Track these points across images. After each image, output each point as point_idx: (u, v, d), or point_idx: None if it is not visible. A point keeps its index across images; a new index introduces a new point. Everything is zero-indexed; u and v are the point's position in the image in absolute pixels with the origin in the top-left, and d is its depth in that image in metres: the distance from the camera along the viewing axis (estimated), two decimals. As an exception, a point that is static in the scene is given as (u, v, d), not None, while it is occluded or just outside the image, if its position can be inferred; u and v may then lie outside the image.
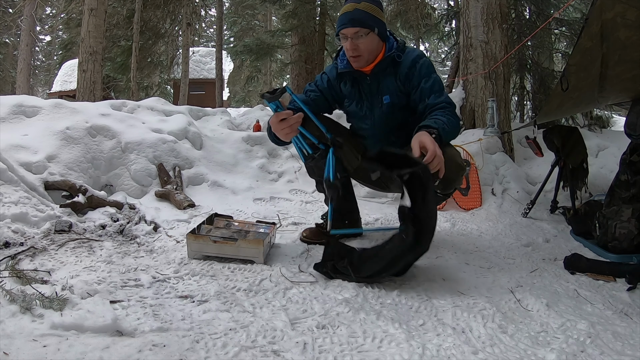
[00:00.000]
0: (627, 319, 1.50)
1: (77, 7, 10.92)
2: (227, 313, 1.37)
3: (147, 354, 1.10)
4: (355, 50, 1.93)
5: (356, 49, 1.93)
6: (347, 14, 1.92)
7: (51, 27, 18.85)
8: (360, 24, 1.90)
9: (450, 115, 1.84)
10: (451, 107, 1.88)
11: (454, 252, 2.16)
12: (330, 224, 2.05)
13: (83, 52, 6.46)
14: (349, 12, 1.92)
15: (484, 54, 3.80)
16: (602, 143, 4.05)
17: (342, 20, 1.94)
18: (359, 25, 1.90)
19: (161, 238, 2.19)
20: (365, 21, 1.91)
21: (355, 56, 1.95)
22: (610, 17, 2.09)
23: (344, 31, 1.92)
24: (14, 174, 2.31)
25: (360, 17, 1.90)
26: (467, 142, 3.52)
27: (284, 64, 10.10)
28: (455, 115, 1.87)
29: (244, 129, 4.23)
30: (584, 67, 2.39)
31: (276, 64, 12.86)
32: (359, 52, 1.94)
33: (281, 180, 3.54)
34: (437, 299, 1.55)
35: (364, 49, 1.94)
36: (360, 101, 2.10)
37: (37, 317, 1.22)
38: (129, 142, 3.08)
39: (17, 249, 1.79)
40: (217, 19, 13.28)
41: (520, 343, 1.28)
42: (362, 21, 1.90)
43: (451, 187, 1.90)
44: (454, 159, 1.84)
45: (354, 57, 1.95)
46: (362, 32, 1.90)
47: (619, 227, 2.21)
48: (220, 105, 11.73)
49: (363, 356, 1.17)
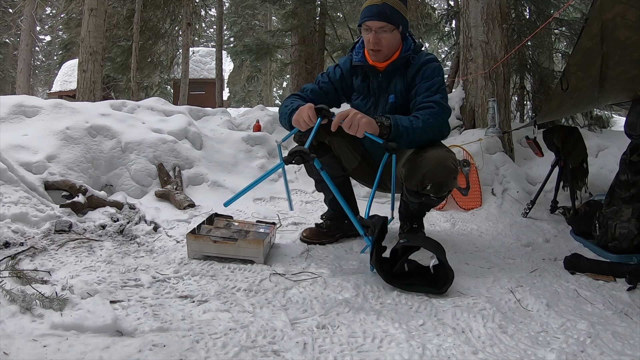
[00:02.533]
0: (627, 319, 1.50)
1: (77, 7, 10.92)
2: (227, 313, 1.37)
3: (147, 354, 1.10)
4: (377, 44, 1.92)
5: (378, 42, 1.91)
6: (375, 6, 1.89)
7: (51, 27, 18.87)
8: (388, 19, 1.88)
9: (430, 115, 1.82)
10: (438, 107, 1.84)
11: (454, 252, 2.16)
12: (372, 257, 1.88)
13: (83, 52, 6.46)
14: (378, 4, 1.89)
15: (484, 54, 3.80)
16: (602, 143, 4.05)
17: (369, 11, 1.91)
18: (386, 20, 1.88)
19: (161, 238, 2.19)
20: (393, 17, 1.89)
21: (376, 50, 1.93)
22: (610, 17, 2.09)
23: (369, 23, 1.90)
24: (14, 174, 2.30)
25: (388, 12, 1.88)
26: (467, 142, 3.52)
27: (284, 64, 10.09)
28: (438, 116, 1.84)
29: (244, 129, 4.22)
30: (584, 67, 2.38)
31: (276, 64, 12.85)
32: (380, 46, 1.92)
33: (281, 180, 3.53)
34: (437, 299, 1.55)
35: (386, 44, 1.93)
36: (367, 97, 2.10)
37: (37, 317, 1.22)
38: (129, 142, 3.08)
39: (17, 249, 1.79)
40: (217, 19, 13.27)
41: (520, 343, 1.28)
42: (389, 17, 1.88)
43: (443, 191, 1.87)
44: (445, 163, 1.81)
45: (374, 50, 1.93)
46: (387, 28, 1.89)
47: (619, 227, 2.21)
48: (220, 105, 11.73)
49: (363, 356, 1.17)
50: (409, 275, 1.69)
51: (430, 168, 1.80)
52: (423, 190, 1.86)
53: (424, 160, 1.83)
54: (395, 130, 1.76)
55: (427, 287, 1.63)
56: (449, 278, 1.61)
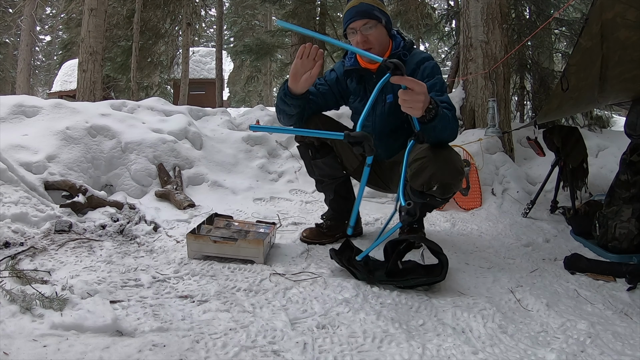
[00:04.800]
0: (627, 319, 1.50)
1: (77, 7, 10.93)
2: (227, 313, 1.37)
3: (147, 354, 1.10)
4: (366, 43, 1.94)
5: (366, 41, 1.93)
6: (354, 7, 1.94)
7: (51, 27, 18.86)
8: (368, 16, 1.92)
9: (451, 115, 1.81)
10: (453, 109, 1.84)
11: (454, 252, 2.16)
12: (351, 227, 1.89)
13: (83, 52, 6.47)
14: (355, 5, 1.93)
15: (484, 54, 3.80)
16: (602, 143, 4.05)
17: (349, 14, 1.95)
18: (367, 16, 1.91)
19: (161, 238, 2.19)
20: (372, 12, 1.92)
21: (367, 49, 1.94)
22: (610, 17, 2.09)
23: (353, 24, 1.93)
24: (14, 174, 2.30)
25: (367, 9, 1.92)
26: (467, 142, 3.52)
27: (284, 64, 10.10)
28: (455, 117, 1.84)
29: (244, 129, 4.22)
30: (584, 67, 2.38)
31: (276, 64, 12.87)
32: (370, 44, 1.94)
33: (281, 180, 3.54)
34: (437, 299, 1.56)
35: (374, 40, 1.95)
36: (365, 98, 2.10)
37: (37, 317, 1.22)
38: (129, 142, 3.08)
39: (17, 249, 1.79)
40: (217, 19, 13.27)
41: (520, 343, 1.28)
42: (369, 13, 1.92)
43: (450, 192, 1.85)
44: (454, 163, 1.81)
45: (366, 49, 1.94)
46: (370, 24, 1.92)
47: (619, 227, 2.21)
48: (220, 105, 11.72)
49: (363, 356, 1.17)
50: (405, 272, 1.69)
51: (438, 168, 1.77)
52: (429, 191, 1.84)
53: (431, 160, 1.80)
54: (437, 121, 1.66)
55: (425, 278, 1.64)
56: (443, 264, 1.63)
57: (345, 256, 1.78)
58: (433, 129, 1.69)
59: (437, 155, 1.81)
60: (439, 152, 1.82)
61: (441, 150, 1.83)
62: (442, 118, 1.68)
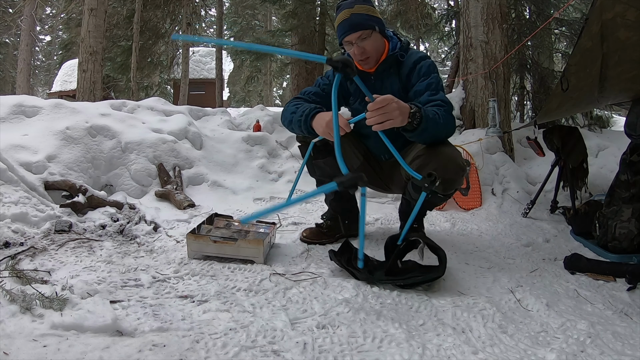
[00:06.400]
0: (627, 319, 1.50)
1: (77, 7, 10.93)
2: (227, 313, 1.37)
3: (147, 354, 1.10)
4: (362, 54, 1.93)
5: (363, 52, 1.93)
6: (346, 21, 1.91)
7: (51, 27, 18.86)
8: (361, 27, 1.90)
9: (444, 112, 1.80)
10: (447, 106, 1.83)
11: (454, 252, 2.16)
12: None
13: (83, 52, 6.47)
14: (346, 19, 1.91)
15: (484, 54, 3.80)
16: (602, 143, 4.05)
17: (342, 28, 1.92)
18: (361, 28, 1.89)
19: (161, 238, 2.19)
20: (365, 22, 1.91)
21: (364, 59, 1.95)
22: (610, 18, 2.09)
23: (347, 38, 1.92)
24: (14, 174, 2.30)
25: (358, 21, 1.90)
26: (467, 142, 3.52)
27: (284, 64, 10.10)
28: (450, 114, 1.83)
29: (244, 129, 4.23)
30: (584, 67, 2.38)
31: (276, 64, 12.86)
32: (367, 53, 1.94)
33: (281, 180, 3.54)
34: (437, 299, 1.55)
35: (371, 49, 1.94)
36: (364, 100, 2.10)
37: (37, 317, 1.22)
38: (129, 142, 3.08)
39: (17, 249, 1.79)
40: (217, 19, 13.27)
41: (520, 343, 1.28)
42: (361, 24, 1.90)
43: (452, 188, 1.87)
44: (455, 160, 1.82)
45: (363, 60, 1.95)
46: (364, 35, 1.90)
47: (619, 227, 2.21)
48: (220, 105, 11.73)
49: (363, 356, 1.17)
50: (405, 272, 1.69)
51: (440, 164, 1.79)
52: (430, 185, 1.85)
53: (434, 156, 1.81)
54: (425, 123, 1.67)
55: (425, 275, 1.64)
56: (442, 259, 1.64)
57: (345, 257, 1.78)
58: (424, 131, 1.68)
59: (439, 151, 1.82)
60: (441, 148, 1.83)
61: (443, 146, 1.84)
62: (430, 118, 1.67)
